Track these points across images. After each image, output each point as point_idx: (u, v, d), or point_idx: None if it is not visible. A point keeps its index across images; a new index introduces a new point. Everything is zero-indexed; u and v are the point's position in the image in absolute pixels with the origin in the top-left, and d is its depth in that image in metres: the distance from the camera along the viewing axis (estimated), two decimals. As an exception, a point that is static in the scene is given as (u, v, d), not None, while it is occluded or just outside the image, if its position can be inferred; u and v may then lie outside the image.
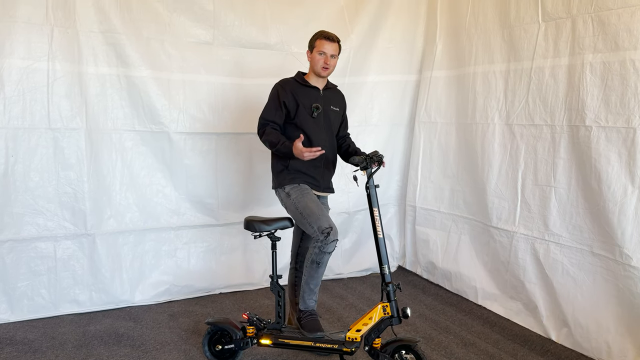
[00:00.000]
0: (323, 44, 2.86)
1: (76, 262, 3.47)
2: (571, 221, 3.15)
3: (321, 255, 2.67)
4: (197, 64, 3.66)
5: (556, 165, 3.22)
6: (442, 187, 4.15)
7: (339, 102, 3.11)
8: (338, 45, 2.92)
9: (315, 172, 2.91)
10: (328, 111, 2.97)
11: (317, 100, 2.90)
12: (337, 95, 3.12)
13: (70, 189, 3.39)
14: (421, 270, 4.40)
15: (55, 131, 3.30)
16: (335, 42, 2.90)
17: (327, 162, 2.96)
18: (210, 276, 3.88)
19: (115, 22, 3.37)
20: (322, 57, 2.86)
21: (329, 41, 2.87)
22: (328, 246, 2.64)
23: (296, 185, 2.86)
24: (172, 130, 3.63)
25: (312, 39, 2.94)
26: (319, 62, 2.87)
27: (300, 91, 2.90)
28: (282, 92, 2.87)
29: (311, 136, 2.85)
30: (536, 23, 3.30)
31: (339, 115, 3.09)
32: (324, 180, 2.96)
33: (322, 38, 2.88)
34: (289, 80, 2.96)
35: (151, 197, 3.66)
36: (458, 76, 3.98)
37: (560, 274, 3.19)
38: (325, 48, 2.85)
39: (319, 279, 2.78)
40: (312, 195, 2.83)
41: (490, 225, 3.67)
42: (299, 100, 2.86)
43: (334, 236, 2.64)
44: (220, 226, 3.90)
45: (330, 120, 2.98)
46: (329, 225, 2.65)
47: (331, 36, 2.89)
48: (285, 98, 2.84)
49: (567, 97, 3.13)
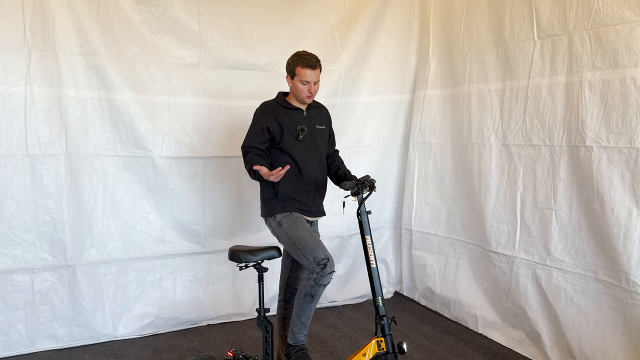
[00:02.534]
0: (305, 73, 2.65)
1: (55, 295, 3.30)
2: (573, 246, 3.01)
3: (316, 288, 2.50)
4: (182, 86, 3.54)
5: (556, 187, 3.09)
6: (438, 210, 4.00)
7: (324, 119, 2.94)
8: (319, 67, 2.71)
9: (306, 197, 2.77)
10: (314, 131, 2.82)
11: (301, 122, 2.75)
12: (321, 112, 2.94)
13: (49, 217, 3.23)
14: (419, 296, 4.23)
15: (33, 157, 3.16)
16: (317, 67, 2.68)
17: (317, 185, 2.82)
18: (197, 307, 3.70)
19: (96, 44, 3.26)
20: (305, 86, 2.68)
21: (310, 69, 2.65)
22: (324, 278, 2.48)
23: (288, 213, 2.71)
24: (157, 155, 3.49)
25: (290, 65, 2.71)
26: (302, 92, 2.70)
27: (284, 114, 2.74)
28: (264, 117, 2.72)
29: (298, 160, 2.72)
30: (531, 40, 3.20)
31: (325, 133, 2.94)
32: (315, 204, 2.82)
33: (304, 66, 2.64)
34: (270, 103, 2.80)
35: (135, 225, 3.51)
36: (452, 95, 3.87)
37: (564, 302, 3.04)
38: (308, 77, 2.65)
39: (311, 312, 2.63)
40: (305, 224, 2.69)
41: (490, 250, 3.52)
42: (283, 124, 2.71)
43: (330, 268, 2.49)
44: (207, 254, 3.74)
45: (317, 141, 2.84)
46: (326, 257, 2.49)
47: (312, 63, 2.66)
48: (268, 123, 2.70)
49: (566, 116, 3.01)
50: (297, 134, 2.71)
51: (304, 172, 2.73)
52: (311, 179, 2.76)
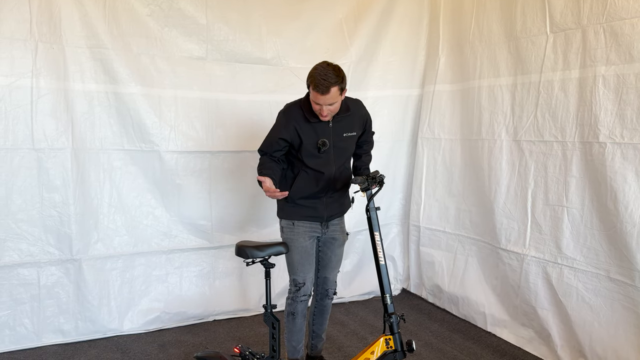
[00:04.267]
0: (316, 96, 2.43)
1: (61, 289, 3.29)
2: (585, 243, 2.95)
3: (294, 305, 2.72)
4: (189, 80, 3.50)
5: (568, 184, 3.03)
6: (447, 206, 3.96)
7: (356, 124, 2.70)
8: (337, 88, 2.42)
9: (317, 202, 2.70)
10: (339, 141, 2.64)
11: (324, 135, 2.57)
12: (353, 118, 2.68)
13: (55, 212, 3.21)
14: (426, 293, 4.19)
15: (39, 151, 3.13)
16: (329, 91, 2.39)
17: (334, 192, 2.72)
18: (203, 302, 3.68)
19: (103, 37, 3.22)
20: (317, 106, 2.49)
21: (321, 95, 2.41)
22: (298, 299, 2.70)
23: (290, 223, 2.70)
24: (163, 149, 3.46)
25: (307, 80, 2.50)
26: (315, 109, 2.52)
27: (306, 126, 2.56)
28: (285, 127, 2.56)
29: (316, 171, 2.63)
30: (544, 34, 3.14)
31: (355, 138, 2.74)
32: (327, 209, 2.73)
33: (314, 89, 2.42)
34: (294, 110, 2.59)
35: (141, 220, 3.49)
36: (462, 90, 3.81)
37: (575, 300, 2.99)
38: (319, 100, 2.43)
39: (298, 334, 2.76)
40: (301, 241, 2.68)
41: (499, 247, 3.47)
42: (303, 137, 2.55)
43: (304, 292, 2.69)
44: (214, 249, 3.71)
45: (341, 150, 2.68)
46: (302, 281, 2.68)
47: (322, 88, 2.39)
48: (286, 135, 2.55)
49: (579, 111, 2.96)
50: (318, 148, 2.58)
51: (320, 182, 2.66)
52: (328, 188, 2.69)
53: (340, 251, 2.88)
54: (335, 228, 2.82)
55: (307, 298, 2.75)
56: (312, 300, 2.96)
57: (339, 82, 2.42)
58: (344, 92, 2.50)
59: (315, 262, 2.79)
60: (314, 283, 2.89)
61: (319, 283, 2.90)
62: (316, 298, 2.93)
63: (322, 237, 2.78)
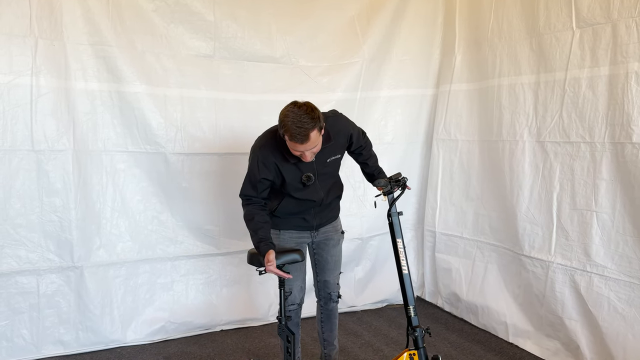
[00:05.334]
0: (295, 145, 2.19)
1: (62, 298, 3.13)
2: (617, 250, 2.78)
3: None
4: (196, 79, 3.35)
5: (597, 187, 2.87)
6: (464, 211, 3.79)
7: (338, 147, 2.49)
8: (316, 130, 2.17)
9: (307, 215, 2.58)
10: (323, 169, 2.47)
11: (307, 169, 2.40)
12: (336, 142, 2.45)
13: (56, 216, 3.06)
14: (442, 302, 4.01)
15: (39, 153, 2.98)
16: (308, 139, 2.16)
17: (324, 206, 2.61)
18: (210, 311, 3.52)
19: (106, 34, 3.07)
20: (298, 152, 2.25)
21: (300, 144, 2.17)
22: (286, 308, 2.49)
23: (276, 231, 2.57)
24: (169, 151, 3.30)
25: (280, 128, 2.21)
26: (297, 154, 2.27)
27: (287, 166, 2.36)
28: (263, 168, 2.35)
29: (302, 199, 2.49)
30: (569, 30, 2.98)
31: (340, 158, 2.57)
32: (317, 218, 2.61)
33: (291, 141, 2.18)
34: (270, 148, 2.35)
35: (145, 225, 3.33)
36: (480, 89, 3.65)
37: (607, 311, 2.82)
38: (299, 148, 2.21)
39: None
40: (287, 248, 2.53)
41: (522, 254, 3.30)
42: (286, 175, 2.38)
43: (291, 301, 2.57)
44: (221, 255, 3.55)
45: (326, 176, 2.53)
46: (289, 290, 2.54)
47: (300, 137, 2.14)
48: (268, 174, 2.36)
49: (609, 110, 2.79)
50: (303, 183, 2.42)
51: (306, 204, 2.53)
52: (317, 205, 2.56)
53: (336, 251, 2.73)
54: (327, 229, 2.68)
55: (295, 308, 2.62)
56: (317, 307, 2.84)
57: (316, 123, 2.16)
58: (322, 130, 2.24)
59: (304, 270, 2.66)
60: (315, 288, 2.81)
61: (320, 287, 2.77)
62: (320, 304, 2.80)
63: (313, 240, 2.65)
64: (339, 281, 2.80)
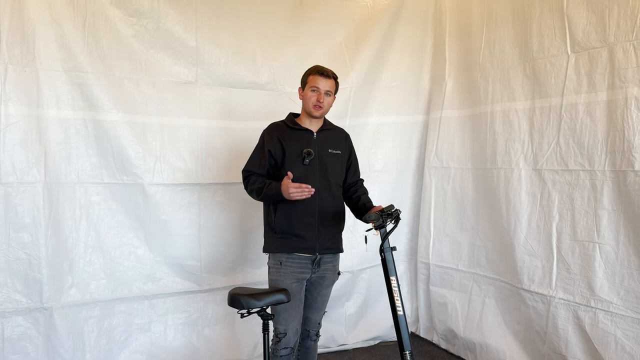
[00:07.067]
0: (316, 79, 2.51)
1: (29, 342, 2.87)
2: (623, 284, 2.63)
3: (273, 358, 2.47)
4: (177, 106, 3.20)
5: (599, 218, 2.73)
6: (459, 242, 3.63)
7: (340, 144, 2.67)
8: (334, 82, 2.58)
9: (307, 230, 2.45)
10: (324, 156, 2.55)
11: (308, 145, 2.50)
12: (339, 136, 2.71)
13: (24, 253, 2.83)
14: (438, 338, 3.81)
15: (6, 186, 2.78)
16: (331, 78, 2.55)
17: (323, 216, 2.49)
18: (191, 353, 3.28)
19: (81, 60, 2.92)
20: (314, 94, 2.51)
21: (322, 77, 2.52)
22: (278, 352, 2.45)
23: (277, 263, 2.45)
24: (147, 182, 3.12)
25: (304, 75, 2.61)
26: (310, 100, 2.51)
27: (289, 136, 2.54)
28: (269, 139, 2.53)
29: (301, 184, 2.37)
30: (564, 54, 2.89)
31: (342, 160, 2.63)
32: (319, 239, 2.48)
33: (316, 73, 2.53)
34: (277, 124, 2.62)
35: (121, 261, 3.12)
36: (472, 116, 3.54)
37: (614, 349, 2.65)
38: (319, 84, 2.50)
39: None
40: (288, 284, 2.44)
41: (521, 288, 3.13)
42: (286, 146, 2.51)
43: (284, 344, 2.45)
44: (203, 292, 3.34)
45: (327, 166, 2.53)
46: (284, 331, 2.46)
47: (326, 71, 2.54)
48: (271, 146, 2.51)
49: (609, 137, 2.68)
50: (303, 157, 2.44)
51: (306, 199, 2.38)
52: (315, 208, 2.45)
53: (327, 292, 2.63)
54: (327, 267, 2.56)
55: (288, 352, 2.47)
56: None
57: (337, 80, 2.59)
58: (335, 96, 2.61)
59: (302, 309, 2.53)
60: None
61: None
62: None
63: (311, 276, 2.52)
64: (322, 320, 2.67)
